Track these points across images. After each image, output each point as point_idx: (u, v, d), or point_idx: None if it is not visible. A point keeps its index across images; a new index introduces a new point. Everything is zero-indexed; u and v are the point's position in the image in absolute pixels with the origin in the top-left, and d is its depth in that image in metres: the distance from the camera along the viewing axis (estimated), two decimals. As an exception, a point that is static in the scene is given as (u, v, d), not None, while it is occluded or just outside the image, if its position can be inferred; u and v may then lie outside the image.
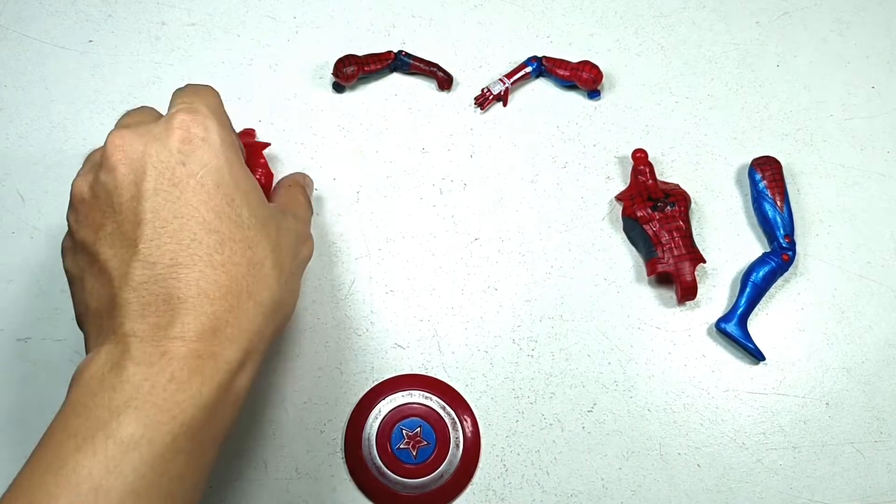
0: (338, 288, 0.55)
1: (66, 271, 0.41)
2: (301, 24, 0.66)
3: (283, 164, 0.60)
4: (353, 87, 0.63)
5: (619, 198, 0.57)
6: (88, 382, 0.34)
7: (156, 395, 0.33)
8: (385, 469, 0.48)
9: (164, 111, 0.44)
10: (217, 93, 0.43)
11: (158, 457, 0.32)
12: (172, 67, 0.64)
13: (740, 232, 0.57)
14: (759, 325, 0.54)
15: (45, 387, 0.52)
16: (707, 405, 0.52)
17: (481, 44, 0.65)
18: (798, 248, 0.56)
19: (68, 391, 0.35)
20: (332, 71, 0.61)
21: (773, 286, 0.55)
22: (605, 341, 0.53)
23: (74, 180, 0.40)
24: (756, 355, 0.52)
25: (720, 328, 0.53)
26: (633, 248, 0.56)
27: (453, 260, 0.56)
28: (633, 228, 0.55)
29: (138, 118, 0.41)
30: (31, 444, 0.34)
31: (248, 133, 0.59)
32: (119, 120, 0.42)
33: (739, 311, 0.53)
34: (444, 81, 0.62)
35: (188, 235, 0.36)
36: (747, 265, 0.55)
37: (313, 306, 0.54)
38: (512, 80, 0.61)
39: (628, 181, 0.58)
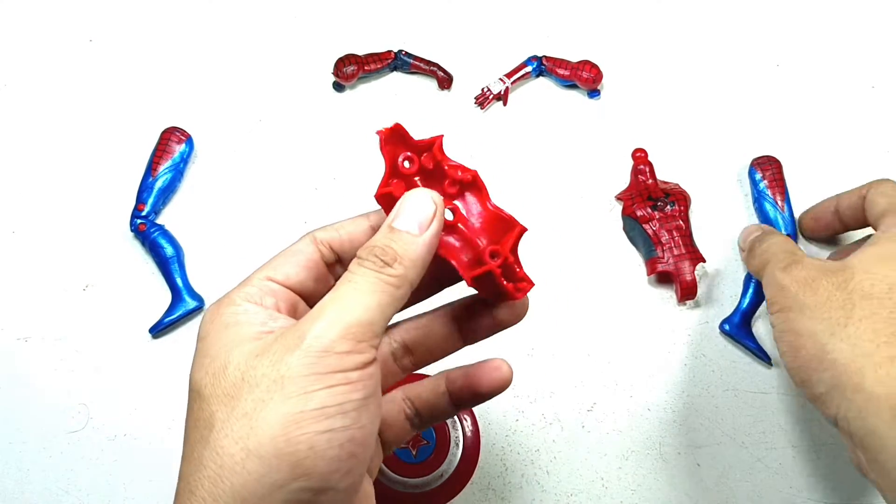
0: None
1: None
2: (301, 24, 0.66)
3: (283, 164, 0.60)
4: (353, 87, 0.63)
5: (619, 197, 0.57)
6: None
7: None
8: (385, 468, 0.48)
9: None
10: None
11: None
12: (173, 68, 0.64)
13: (741, 231, 0.57)
14: (760, 326, 0.54)
15: (44, 386, 0.52)
16: (707, 404, 0.52)
17: (481, 43, 0.65)
18: (799, 247, 0.56)
19: None
20: (332, 70, 0.61)
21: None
22: (604, 340, 0.53)
23: None
24: (760, 356, 0.52)
25: (724, 330, 0.53)
26: (634, 248, 0.56)
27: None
28: (633, 228, 0.55)
29: None
30: (30, 444, 0.33)
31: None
32: None
33: (743, 313, 0.53)
34: (444, 81, 0.62)
35: None
36: (747, 265, 0.55)
37: (313, 305, 0.54)
38: (512, 79, 0.61)
39: (628, 181, 0.58)
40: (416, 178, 0.34)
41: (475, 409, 0.51)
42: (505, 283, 0.32)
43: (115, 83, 0.63)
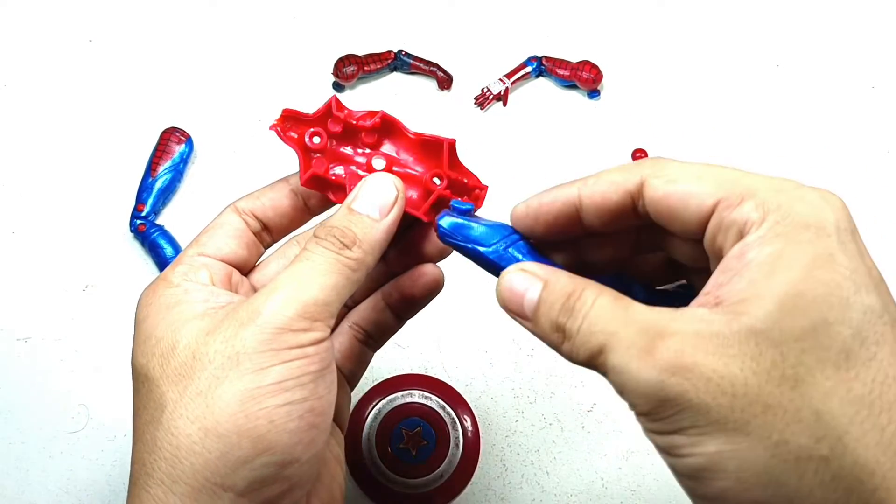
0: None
1: None
2: (301, 24, 0.66)
3: (283, 164, 0.60)
4: (353, 87, 0.63)
5: (618, 197, 0.57)
6: None
7: None
8: (385, 469, 0.48)
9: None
10: None
11: None
12: (173, 68, 0.64)
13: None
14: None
15: (44, 387, 0.52)
16: (707, 405, 0.52)
17: (481, 43, 0.65)
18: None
19: None
20: (332, 70, 0.61)
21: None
22: (604, 341, 0.53)
23: None
24: None
25: None
26: (633, 248, 0.56)
27: (453, 258, 0.56)
28: (633, 228, 0.55)
29: None
30: (30, 445, 0.33)
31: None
32: None
33: None
34: (444, 81, 0.62)
35: None
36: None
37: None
38: (512, 79, 0.61)
39: (628, 181, 0.58)
40: (333, 146, 0.33)
41: (475, 410, 0.51)
42: (463, 199, 0.32)
43: (115, 83, 0.63)
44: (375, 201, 0.31)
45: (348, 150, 0.33)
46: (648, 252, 0.31)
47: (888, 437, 0.22)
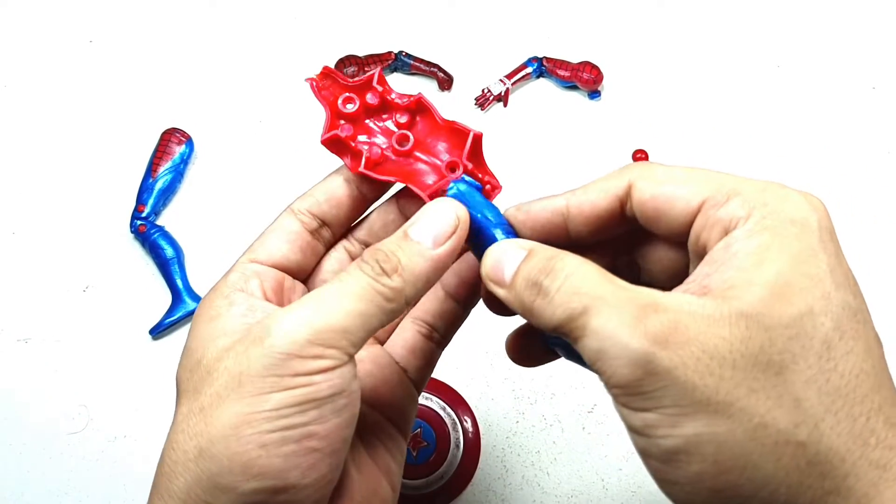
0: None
1: None
2: (301, 24, 0.66)
3: (283, 164, 0.60)
4: (353, 88, 0.63)
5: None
6: None
7: None
8: (385, 469, 0.48)
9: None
10: None
11: None
12: (173, 69, 0.64)
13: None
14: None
15: (45, 388, 0.52)
16: (707, 406, 0.52)
17: (482, 44, 0.64)
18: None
19: None
20: (332, 71, 0.61)
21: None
22: (605, 342, 0.53)
23: None
24: None
25: None
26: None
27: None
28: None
29: None
30: (30, 445, 0.33)
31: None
32: None
33: None
34: (445, 82, 0.62)
35: None
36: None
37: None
38: (512, 80, 0.61)
39: (629, 182, 0.58)
40: (364, 118, 0.33)
41: (475, 411, 0.51)
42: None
43: (115, 84, 0.63)
44: (431, 228, 0.28)
45: (377, 125, 0.33)
46: (625, 273, 0.31)
47: (859, 427, 0.23)
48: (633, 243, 0.30)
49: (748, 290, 0.23)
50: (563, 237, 0.30)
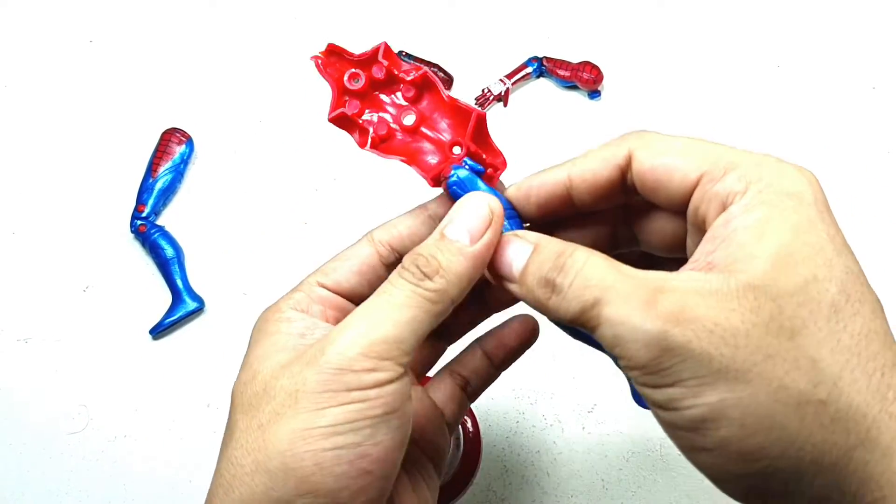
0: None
1: None
2: (301, 24, 0.66)
3: (283, 164, 0.60)
4: (353, 88, 0.63)
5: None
6: None
7: None
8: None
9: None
10: None
11: None
12: (173, 69, 0.64)
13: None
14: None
15: (45, 388, 0.52)
16: (707, 406, 0.52)
17: (482, 44, 0.64)
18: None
19: None
20: (332, 71, 0.61)
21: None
22: (605, 342, 0.53)
23: None
24: None
25: None
26: (634, 249, 0.56)
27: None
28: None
29: None
30: (30, 445, 0.33)
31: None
32: None
33: None
34: (445, 81, 0.62)
35: None
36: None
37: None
38: (512, 80, 0.61)
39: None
40: (372, 92, 0.33)
41: (475, 410, 0.51)
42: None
43: (116, 84, 0.63)
44: (467, 226, 0.28)
45: (384, 99, 0.33)
46: (624, 248, 0.32)
47: (875, 382, 0.23)
48: (634, 213, 0.31)
49: (752, 264, 0.24)
50: (568, 208, 0.31)
